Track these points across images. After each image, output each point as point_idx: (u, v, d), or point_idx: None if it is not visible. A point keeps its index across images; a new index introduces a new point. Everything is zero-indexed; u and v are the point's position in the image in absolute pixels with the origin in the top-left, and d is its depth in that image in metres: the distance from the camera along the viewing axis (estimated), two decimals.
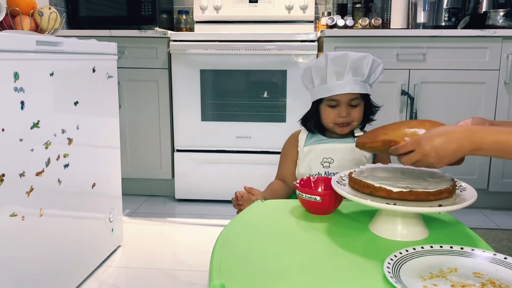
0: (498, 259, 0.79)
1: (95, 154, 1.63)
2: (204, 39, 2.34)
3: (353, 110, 1.27)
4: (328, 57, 1.25)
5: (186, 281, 1.64)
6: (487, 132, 0.81)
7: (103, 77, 1.67)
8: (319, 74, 1.26)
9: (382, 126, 1.01)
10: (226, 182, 2.47)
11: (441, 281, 0.73)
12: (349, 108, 1.26)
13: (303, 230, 0.97)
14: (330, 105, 1.27)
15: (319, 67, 1.26)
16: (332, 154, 1.28)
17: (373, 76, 1.27)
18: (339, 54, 1.25)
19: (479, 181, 2.35)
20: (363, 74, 1.24)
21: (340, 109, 1.26)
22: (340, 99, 1.25)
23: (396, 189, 0.86)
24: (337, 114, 1.26)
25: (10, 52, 1.16)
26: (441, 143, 0.84)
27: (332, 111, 1.27)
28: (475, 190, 0.94)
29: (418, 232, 0.91)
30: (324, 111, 1.29)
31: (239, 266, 0.81)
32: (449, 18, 2.48)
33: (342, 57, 1.24)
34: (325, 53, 1.28)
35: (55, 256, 1.41)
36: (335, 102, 1.26)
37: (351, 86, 1.23)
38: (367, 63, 1.24)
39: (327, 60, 1.24)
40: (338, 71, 1.23)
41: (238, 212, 1.17)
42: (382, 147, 0.89)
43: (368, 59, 1.24)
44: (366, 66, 1.24)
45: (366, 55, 1.25)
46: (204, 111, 2.42)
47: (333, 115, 1.27)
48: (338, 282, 0.75)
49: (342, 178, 1.01)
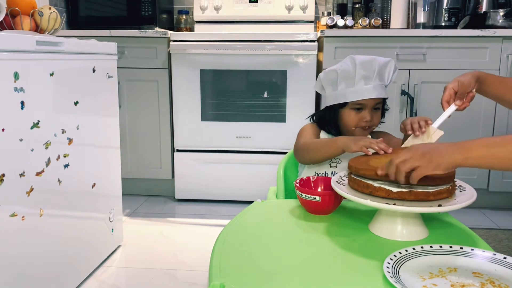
0: (497, 259, 0.79)
1: (95, 154, 1.63)
2: (204, 39, 2.34)
3: (375, 114, 1.28)
4: (356, 61, 1.25)
5: (186, 281, 1.64)
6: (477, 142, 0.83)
7: (103, 77, 1.67)
8: (346, 77, 1.25)
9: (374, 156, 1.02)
10: (226, 182, 2.47)
11: (441, 281, 0.73)
12: (372, 112, 1.28)
13: (303, 230, 0.97)
14: (354, 108, 1.27)
15: (347, 70, 1.25)
16: (340, 155, 1.27)
17: (390, 81, 1.29)
18: (368, 59, 1.25)
19: (479, 181, 2.35)
20: (386, 79, 1.27)
21: (364, 112, 1.26)
22: (366, 103, 1.25)
23: (396, 189, 0.86)
24: (361, 118, 1.27)
25: (10, 52, 1.16)
26: (434, 146, 0.86)
27: (356, 114, 1.27)
28: (475, 190, 0.94)
29: (418, 232, 0.91)
30: (347, 114, 1.28)
31: (239, 266, 0.81)
32: (449, 18, 2.48)
33: (371, 62, 1.24)
34: (350, 56, 1.28)
35: (55, 256, 1.41)
36: (361, 105, 1.26)
37: (379, 91, 1.24)
38: (390, 68, 1.26)
39: (356, 64, 1.25)
40: (366, 75, 1.24)
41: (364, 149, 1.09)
42: (375, 177, 0.89)
43: (391, 64, 1.26)
44: (389, 71, 1.26)
45: (390, 60, 1.27)
46: (204, 111, 2.42)
47: (357, 118, 1.27)
48: (337, 282, 0.75)
49: (341, 178, 1.01)
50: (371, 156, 1.03)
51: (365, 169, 0.90)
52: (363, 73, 1.24)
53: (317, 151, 1.27)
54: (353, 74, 1.24)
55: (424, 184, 0.86)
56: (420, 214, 0.93)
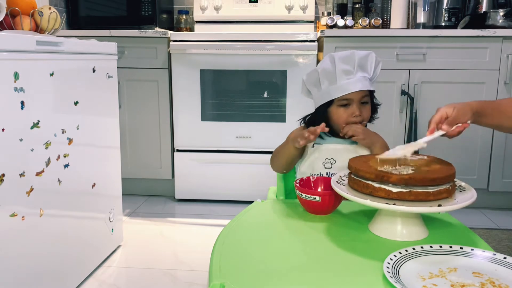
0: (497, 259, 0.79)
1: (95, 154, 1.63)
2: (204, 39, 2.34)
3: (363, 108, 1.27)
4: (335, 57, 1.25)
5: (186, 281, 1.64)
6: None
7: (103, 77, 1.67)
8: (327, 75, 1.25)
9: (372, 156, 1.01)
10: (226, 182, 2.47)
11: (441, 281, 0.73)
12: (361, 106, 1.26)
13: (303, 230, 0.97)
14: (341, 105, 1.26)
15: (326, 68, 1.25)
16: (335, 155, 1.27)
17: (374, 73, 1.28)
18: (346, 53, 1.25)
19: (479, 181, 2.35)
20: (369, 70, 1.26)
21: (352, 107, 1.25)
22: (352, 97, 1.24)
23: (396, 189, 0.86)
24: (350, 114, 1.25)
25: (10, 52, 1.16)
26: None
27: (345, 111, 1.26)
28: (475, 190, 0.94)
29: (418, 232, 0.91)
30: (335, 112, 1.27)
31: (239, 266, 0.81)
32: (449, 18, 2.48)
33: (350, 56, 1.25)
34: (329, 54, 1.28)
35: (55, 256, 1.41)
36: (347, 101, 1.25)
37: (362, 83, 1.23)
38: (371, 60, 1.26)
39: (335, 60, 1.25)
40: (347, 69, 1.23)
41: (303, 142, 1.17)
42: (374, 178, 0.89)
43: (372, 56, 1.26)
44: (370, 63, 1.26)
45: (369, 52, 1.27)
46: (204, 111, 2.42)
47: (345, 115, 1.25)
48: (338, 282, 0.75)
49: (342, 178, 1.01)
50: (370, 156, 1.02)
51: (365, 171, 0.90)
52: (343, 67, 1.23)
53: (278, 157, 1.28)
54: (333, 71, 1.24)
55: (424, 185, 0.86)
56: (420, 214, 0.93)
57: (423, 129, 2.31)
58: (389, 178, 0.86)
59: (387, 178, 0.87)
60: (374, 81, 1.30)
